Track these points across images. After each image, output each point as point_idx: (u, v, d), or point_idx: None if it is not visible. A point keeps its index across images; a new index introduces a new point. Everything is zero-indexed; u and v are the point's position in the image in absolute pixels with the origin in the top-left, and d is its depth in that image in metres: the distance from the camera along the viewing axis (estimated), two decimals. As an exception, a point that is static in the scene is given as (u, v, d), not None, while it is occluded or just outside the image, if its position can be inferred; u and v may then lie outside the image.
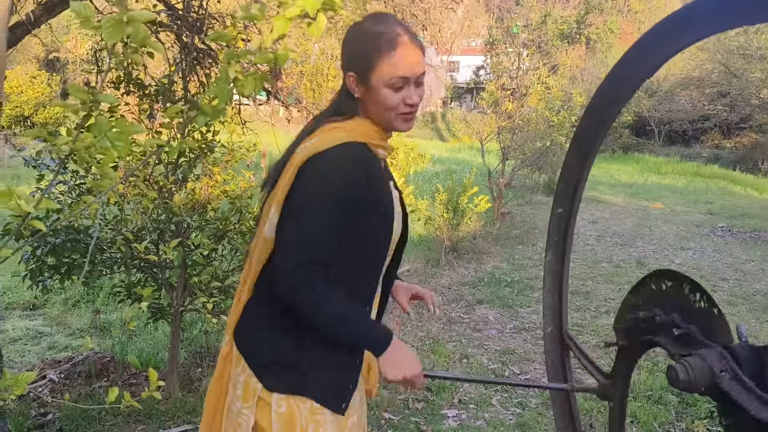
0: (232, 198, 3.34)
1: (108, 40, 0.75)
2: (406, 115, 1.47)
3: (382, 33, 1.41)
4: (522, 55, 10.56)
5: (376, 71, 1.41)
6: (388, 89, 1.42)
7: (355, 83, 1.46)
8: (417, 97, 1.46)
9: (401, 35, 1.42)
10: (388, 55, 1.40)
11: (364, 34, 1.44)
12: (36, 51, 21.95)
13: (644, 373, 3.93)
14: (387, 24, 1.44)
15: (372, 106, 1.46)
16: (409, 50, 1.42)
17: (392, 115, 1.45)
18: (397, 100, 1.43)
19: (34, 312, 5.08)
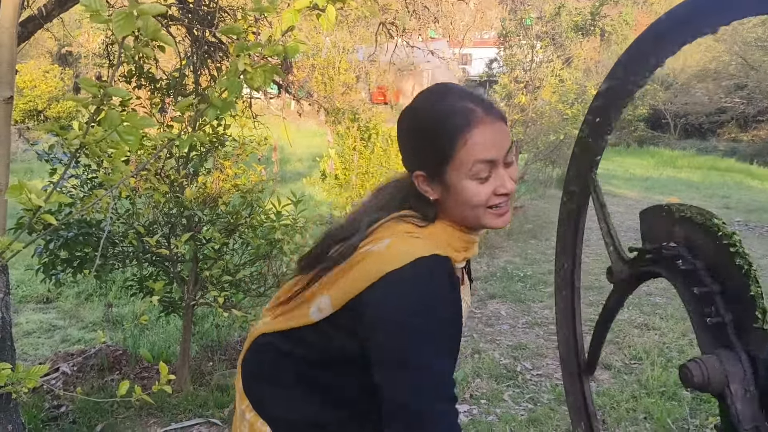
0: (243, 192, 3.34)
1: (118, 33, 0.73)
2: (500, 208, 1.14)
3: (451, 113, 1.11)
4: (535, 47, 10.49)
5: (452, 164, 1.11)
6: (473, 181, 1.11)
7: (426, 184, 1.15)
8: (510, 183, 1.14)
9: (474, 108, 1.11)
10: (464, 138, 1.09)
11: (424, 119, 1.14)
12: (49, 45, 22.10)
13: (658, 369, 3.89)
14: (452, 98, 1.13)
15: (454, 206, 1.14)
16: (490, 125, 1.11)
17: (482, 213, 1.14)
18: (487, 192, 1.12)
19: (47, 305, 5.12)
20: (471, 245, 1.20)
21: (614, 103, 1.33)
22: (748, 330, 1.02)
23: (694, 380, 1.02)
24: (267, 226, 3.30)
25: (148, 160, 2.78)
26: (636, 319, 4.96)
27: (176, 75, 3.24)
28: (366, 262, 1.12)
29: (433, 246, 1.12)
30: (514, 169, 1.16)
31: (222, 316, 3.24)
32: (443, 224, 1.17)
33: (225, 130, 3.34)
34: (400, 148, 1.21)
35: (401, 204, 1.20)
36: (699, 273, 1.10)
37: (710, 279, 1.08)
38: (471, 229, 1.19)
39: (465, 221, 1.16)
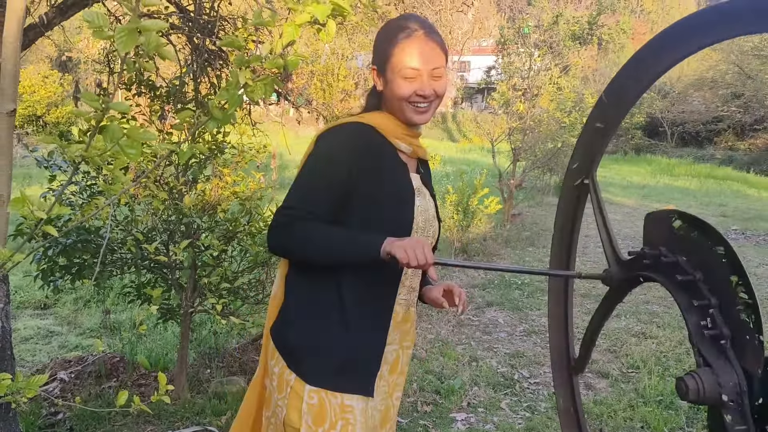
0: (242, 199, 3.34)
1: (121, 49, 0.74)
2: (418, 106, 1.50)
3: (399, 27, 1.50)
4: (533, 55, 10.52)
5: (390, 62, 1.49)
6: (401, 79, 1.48)
7: (376, 75, 1.55)
8: (430, 89, 1.49)
9: (417, 30, 1.48)
10: (401, 46, 1.47)
11: (385, 29, 1.55)
12: (48, 51, 22.12)
13: (655, 378, 3.90)
14: (406, 20, 1.52)
15: (389, 97, 1.52)
16: (423, 42, 1.48)
17: (404, 104, 1.50)
18: (410, 90, 1.48)
19: (45, 311, 5.12)
20: (409, 137, 1.57)
21: (623, 103, 1.34)
22: (745, 345, 1.02)
23: (689, 393, 1.03)
24: (266, 233, 3.31)
25: (148, 169, 2.78)
26: (633, 328, 4.97)
27: (176, 83, 3.25)
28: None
29: (362, 120, 1.52)
30: (441, 82, 1.51)
31: (220, 324, 3.24)
32: (382, 113, 1.56)
33: (224, 138, 3.35)
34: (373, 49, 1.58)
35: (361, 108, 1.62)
36: (697, 284, 1.11)
37: (708, 292, 1.09)
38: (404, 123, 1.55)
39: (395, 112, 1.53)
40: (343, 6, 0.95)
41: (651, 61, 1.24)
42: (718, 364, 1.03)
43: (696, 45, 1.15)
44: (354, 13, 1.11)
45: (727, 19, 1.08)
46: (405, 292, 1.59)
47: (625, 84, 1.32)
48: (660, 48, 1.22)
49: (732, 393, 1.00)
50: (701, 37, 1.13)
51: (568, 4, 35.44)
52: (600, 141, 1.42)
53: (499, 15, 31.88)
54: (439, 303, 1.67)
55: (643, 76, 1.27)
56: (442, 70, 1.51)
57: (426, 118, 1.53)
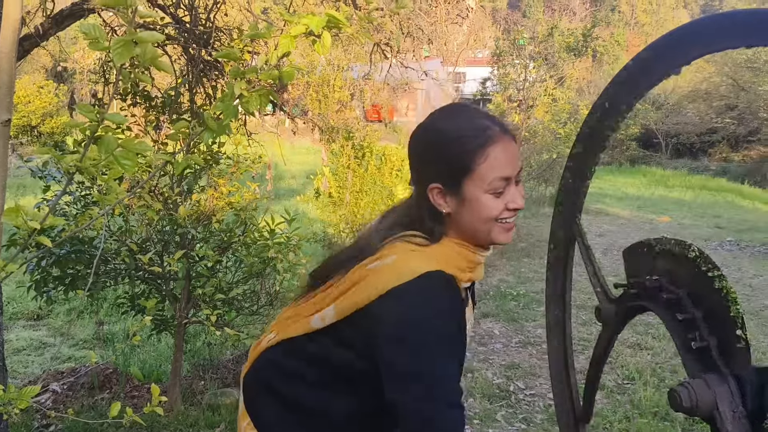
0: (237, 210, 3.34)
1: (117, 61, 0.74)
2: (508, 222, 1.20)
3: (471, 129, 1.17)
4: (529, 67, 10.59)
5: (472, 177, 1.15)
6: (489, 195, 1.16)
7: (441, 197, 1.19)
8: (521, 199, 1.20)
9: (492, 127, 1.17)
10: (485, 154, 1.15)
11: (446, 136, 1.19)
12: (44, 61, 22.14)
13: (650, 389, 3.89)
14: (470, 117, 1.20)
15: (467, 220, 1.19)
16: (507, 143, 1.18)
17: (492, 226, 1.19)
18: (500, 207, 1.17)
19: (38, 322, 5.08)
20: (476, 266, 1.24)
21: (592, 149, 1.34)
22: (732, 351, 1.03)
23: (683, 404, 1.03)
24: (260, 244, 3.30)
25: (142, 179, 2.78)
26: (629, 339, 4.96)
27: (172, 93, 3.26)
28: (372, 277, 1.17)
29: (437, 262, 1.16)
30: (521, 187, 1.22)
31: (214, 335, 3.22)
32: (450, 242, 1.21)
33: (219, 148, 3.35)
34: (413, 162, 1.24)
35: (411, 223, 1.23)
36: (681, 301, 1.12)
37: (692, 305, 1.10)
38: (478, 247, 1.23)
39: (475, 235, 1.20)
40: (338, 18, 0.95)
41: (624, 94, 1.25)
42: (709, 375, 1.04)
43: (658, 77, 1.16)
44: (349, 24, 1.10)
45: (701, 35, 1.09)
46: None
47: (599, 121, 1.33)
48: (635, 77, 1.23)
49: (725, 400, 1.00)
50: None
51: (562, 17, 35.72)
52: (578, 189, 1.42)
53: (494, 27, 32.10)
54: None
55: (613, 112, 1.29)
56: (522, 172, 1.24)
57: (512, 235, 1.23)
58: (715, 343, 1.06)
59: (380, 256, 1.19)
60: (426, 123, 1.23)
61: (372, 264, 1.19)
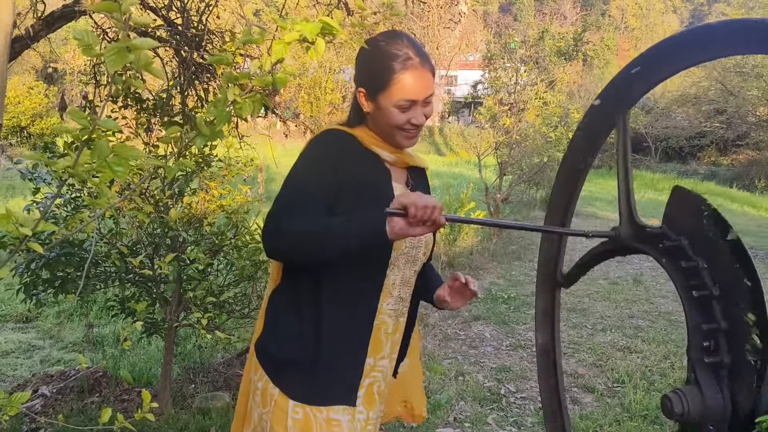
0: (229, 213, 3.33)
1: (111, 68, 0.74)
2: (409, 132, 1.51)
3: (393, 54, 1.45)
4: (520, 70, 10.62)
5: (385, 92, 1.46)
6: (396, 109, 1.46)
7: (364, 98, 1.51)
8: (423, 117, 1.50)
9: (412, 58, 1.45)
10: (398, 77, 1.44)
11: (376, 53, 1.47)
12: (34, 62, 22.00)
13: (640, 392, 3.91)
14: (400, 45, 1.46)
15: (378, 121, 1.51)
16: (419, 73, 1.46)
17: (396, 131, 1.50)
18: (404, 119, 1.47)
19: (27, 325, 5.05)
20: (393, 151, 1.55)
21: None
22: (741, 377, 1.01)
23: (674, 411, 1.03)
24: (252, 247, 3.30)
25: (134, 183, 2.77)
26: (619, 342, 4.99)
27: (163, 96, 3.24)
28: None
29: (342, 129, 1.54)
30: (430, 108, 1.52)
31: (205, 338, 3.21)
32: (364, 128, 1.55)
33: (211, 151, 3.34)
34: (355, 67, 1.56)
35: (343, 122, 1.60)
36: (712, 304, 1.06)
37: (721, 315, 1.04)
38: (388, 143, 1.55)
39: (384, 134, 1.53)
40: (332, 25, 0.96)
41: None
42: (708, 389, 1.02)
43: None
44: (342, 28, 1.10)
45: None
46: (393, 302, 1.57)
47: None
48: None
49: (716, 417, 1.00)
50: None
51: (553, 21, 35.88)
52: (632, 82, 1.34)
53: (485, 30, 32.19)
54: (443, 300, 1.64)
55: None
56: (433, 95, 1.52)
57: (414, 142, 1.55)
58: (729, 363, 1.02)
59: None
60: (371, 39, 1.50)
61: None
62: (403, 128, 1.49)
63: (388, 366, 1.61)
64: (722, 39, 1.10)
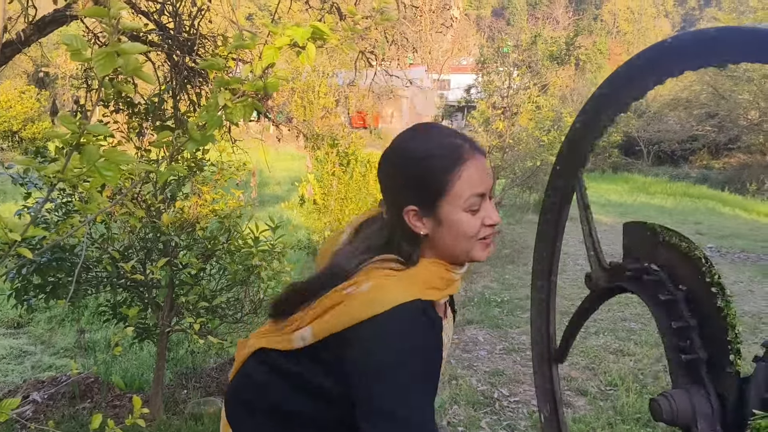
0: (221, 217, 3.32)
1: (100, 72, 0.74)
2: (487, 239, 1.20)
3: (442, 148, 1.16)
4: (512, 74, 10.65)
5: (447, 196, 1.15)
6: (467, 214, 1.16)
7: (418, 219, 1.17)
8: (497, 214, 1.20)
9: (462, 145, 1.17)
10: (459, 172, 1.14)
11: (415, 157, 1.17)
12: (25, 66, 21.92)
13: (633, 395, 3.92)
14: (440, 136, 1.19)
15: (446, 240, 1.18)
16: (479, 160, 1.18)
17: (473, 243, 1.18)
18: (478, 224, 1.17)
19: (18, 330, 5.02)
20: (453, 283, 1.22)
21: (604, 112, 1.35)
22: (721, 371, 1.03)
23: (663, 414, 1.03)
24: (244, 251, 3.29)
25: (126, 188, 2.76)
26: (611, 345, 5.00)
27: (155, 100, 3.24)
28: (347, 303, 1.14)
29: (414, 289, 1.13)
30: (494, 202, 1.22)
31: (197, 343, 3.20)
32: (427, 263, 1.19)
33: (203, 155, 3.34)
34: (384, 187, 1.22)
35: (386, 245, 1.20)
36: (678, 305, 1.11)
37: (689, 313, 1.09)
38: (456, 264, 1.21)
39: (455, 253, 1.19)
40: (323, 30, 0.96)
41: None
42: (693, 388, 1.04)
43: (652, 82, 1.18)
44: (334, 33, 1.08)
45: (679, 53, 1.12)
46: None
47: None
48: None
49: (705, 417, 1.01)
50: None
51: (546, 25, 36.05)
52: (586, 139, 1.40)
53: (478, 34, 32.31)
54: None
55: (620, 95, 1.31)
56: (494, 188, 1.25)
57: (493, 249, 1.23)
58: (706, 358, 1.04)
59: (356, 281, 1.16)
60: (395, 144, 1.21)
61: (348, 289, 1.15)
62: (479, 235, 1.18)
63: None
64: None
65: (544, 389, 1.65)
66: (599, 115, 1.36)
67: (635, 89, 1.27)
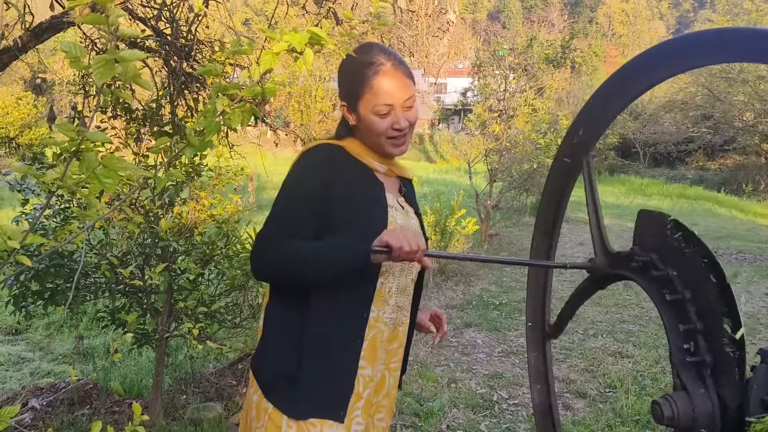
0: (219, 222, 3.32)
1: (98, 80, 0.74)
2: (396, 139, 1.52)
3: (366, 63, 1.49)
4: (509, 77, 10.66)
5: (362, 100, 1.50)
6: (375, 116, 1.49)
7: (347, 111, 1.55)
8: (405, 121, 1.51)
9: (384, 63, 1.49)
10: (372, 84, 1.48)
11: (351, 65, 1.52)
12: (22, 72, 21.90)
13: (632, 397, 3.92)
14: (371, 53, 1.51)
15: (364, 132, 1.54)
16: (392, 77, 1.49)
17: (382, 140, 1.52)
18: (385, 125, 1.50)
19: (16, 337, 5.00)
20: (384, 160, 1.57)
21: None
22: (725, 376, 1.02)
23: (664, 416, 1.04)
24: (243, 256, 3.29)
25: (125, 194, 2.76)
26: (610, 347, 5.00)
27: (153, 105, 3.24)
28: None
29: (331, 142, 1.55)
30: (413, 111, 1.53)
31: (196, 348, 3.20)
32: (353, 139, 1.57)
33: (201, 161, 3.34)
34: (338, 84, 1.60)
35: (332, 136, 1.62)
36: (686, 306, 1.09)
37: (696, 316, 1.08)
38: (379, 154, 1.56)
39: (372, 146, 1.55)
40: (320, 35, 0.96)
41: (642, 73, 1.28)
42: (695, 391, 1.03)
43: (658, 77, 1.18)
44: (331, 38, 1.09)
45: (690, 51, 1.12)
46: (390, 310, 1.55)
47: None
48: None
49: (706, 421, 1.00)
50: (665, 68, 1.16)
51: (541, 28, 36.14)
52: (606, 115, 1.39)
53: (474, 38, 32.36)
54: (427, 327, 1.74)
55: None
56: (413, 99, 1.54)
57: (404, 149, 1.56)
58: (711, 361, 1.04)
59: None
60: (348, 54, 1.49)
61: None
62: (387, 135, 1.51)
63: (381, 375, 1.58)
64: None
65: (537, 367, 1.65)
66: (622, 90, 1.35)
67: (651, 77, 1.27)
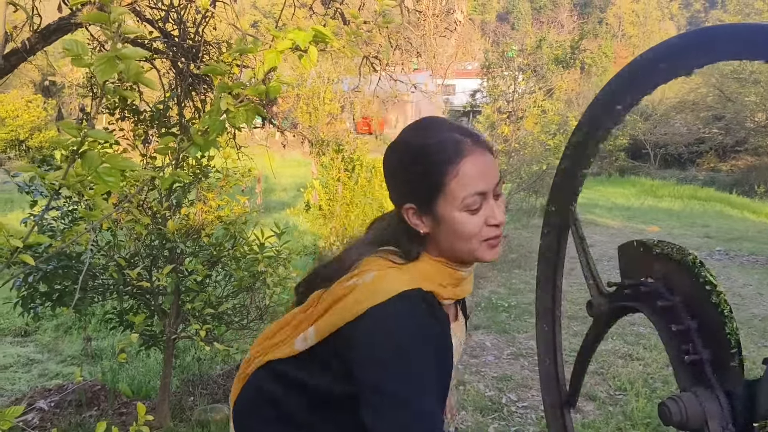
0: (227, 224, 3.32)
1: (100, 77, 0.74)
2: (492, 240, 1.14)
3: (439, 144, 1.11)
4: (518, 78, 10.63)
5: (444, 195, 1.10)
6: (464, 213, 1.10)
7: (416, 217, 1.14)
8: (501, 214, 1.13)
9: (463, 140, 1.11)
10: (455, 169, 1.09)
11: (414, 152, 1.13)
12: (32, 75, 22.07)
13: (642, 400, 3.88)
14: (440, 131, 1.13)
15: (446, 239, 1.13)
16: (479, 156, 1.11)
17: (474, 244, 1.12)
18: (478, 223, 1.11)
19: (25, 338, 5.03)
20: (460, 282, 1.18)
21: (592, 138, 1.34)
22: (726, 368, 1.02)
23: (672, 418, 1.02)
24: (250, 258, 3.29)
25: (131, 194, 2.76)
26: (620, 350, 4.96)
27: (160, 107, 3.25)
28: (349, 297, 1.11)
29: (416, 280, 1.11)
30: (502, 200, 1.16)
31: (204, 350, 3.19)
32: (428, 258, 1.15)
33: (209, 162, 3.34)
34: (387, 183, 1.20)
35: (389, 240, 1.18)
36: (677, 310, 1.11)
37: (688, 316, 1.09)
38: (461, 264, 1.17)
39: (457, 254, 1.14)
40: (324, 33, 0.95)
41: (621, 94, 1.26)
42: (701, 389, 1.03)
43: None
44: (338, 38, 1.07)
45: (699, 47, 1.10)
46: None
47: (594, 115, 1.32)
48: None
49: (716, 417, 0.99)
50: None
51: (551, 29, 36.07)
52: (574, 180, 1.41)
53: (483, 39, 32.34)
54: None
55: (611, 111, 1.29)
56: (502, 184, 1.17)
57: (499, 251, 1.17)
58: (709, 357, 1.04)
59: (358, 272, 1.14)
60: (396, 139, 1.17)
61: (350, 281, 1.13)
62: (481, 236, 1.12)
63: None
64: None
65: None
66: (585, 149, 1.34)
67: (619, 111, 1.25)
